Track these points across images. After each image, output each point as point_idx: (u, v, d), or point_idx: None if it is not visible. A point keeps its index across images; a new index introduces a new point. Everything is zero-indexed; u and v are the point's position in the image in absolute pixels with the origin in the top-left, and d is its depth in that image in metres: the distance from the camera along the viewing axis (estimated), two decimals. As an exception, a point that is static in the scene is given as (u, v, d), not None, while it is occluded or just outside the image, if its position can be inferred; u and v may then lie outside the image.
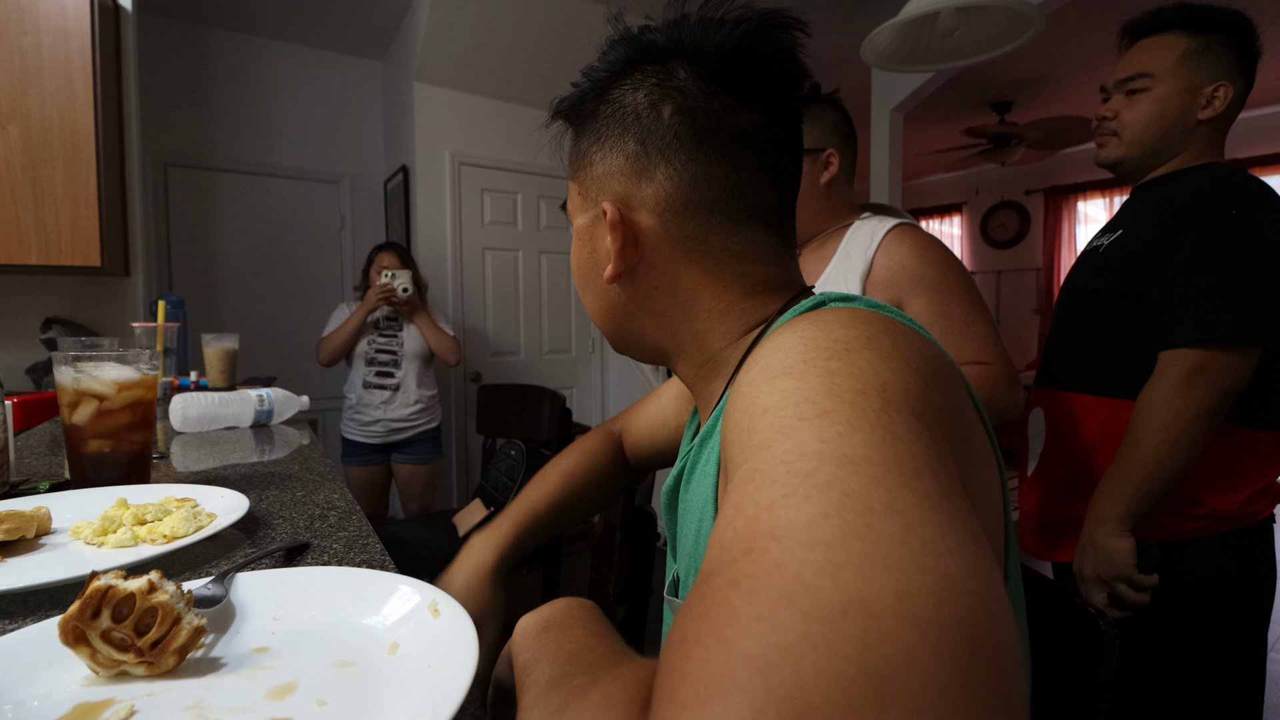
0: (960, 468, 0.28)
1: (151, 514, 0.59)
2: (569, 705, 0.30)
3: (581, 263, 0.51)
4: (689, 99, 0.44)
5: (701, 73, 0.45)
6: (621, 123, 0.46)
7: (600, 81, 0.48)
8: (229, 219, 3.06)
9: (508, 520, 0.71)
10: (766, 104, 0.46)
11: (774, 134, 0.46)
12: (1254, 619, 0.93)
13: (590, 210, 0.49)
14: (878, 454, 0.24)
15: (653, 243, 0.46)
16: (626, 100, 0.46)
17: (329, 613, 0.43)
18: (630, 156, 0.46)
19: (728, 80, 0.45)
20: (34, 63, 1.49)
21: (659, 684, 0.20)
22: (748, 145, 0.45)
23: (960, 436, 0.32)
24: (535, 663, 0.35)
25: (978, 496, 0.34)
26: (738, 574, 0.21)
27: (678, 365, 0.52)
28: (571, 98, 0.51)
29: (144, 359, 0.76)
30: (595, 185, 0.48)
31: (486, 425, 1.98)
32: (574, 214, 0.52)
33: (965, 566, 0.20)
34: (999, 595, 0.20)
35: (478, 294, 3.10)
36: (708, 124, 0.44)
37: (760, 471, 0.25)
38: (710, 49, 0.45)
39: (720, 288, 0.47)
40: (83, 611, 0.35)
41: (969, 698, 0.17)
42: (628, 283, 0.48)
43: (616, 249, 0.46)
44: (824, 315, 0.34)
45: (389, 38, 3.12)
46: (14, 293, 1.77)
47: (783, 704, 0.16)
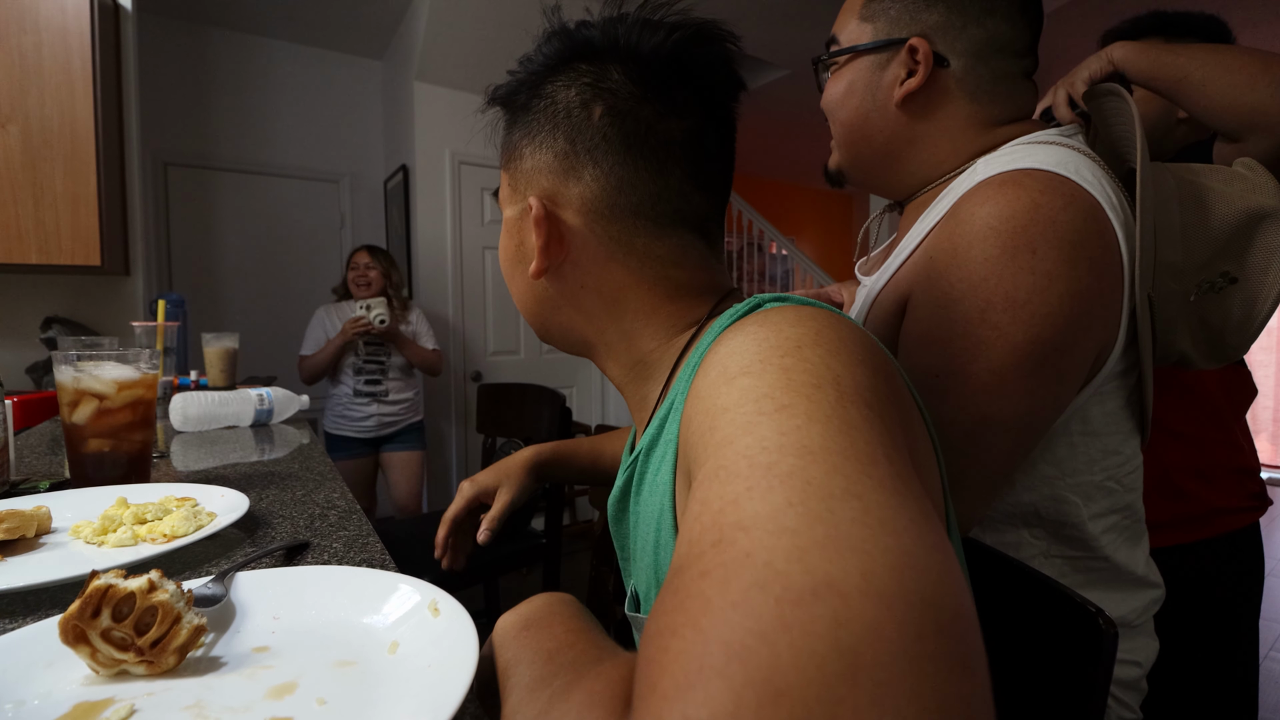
0: (909, 448, 0.30)
1: (151, 513, 0.59)
2: (553, 707, 0.30)
3: (509, 254, 0.51)
4: (620, 101, 0.44)
5: (634, 76, 0.45)
6: (553, 119, 0.46)
7: (535, 74, 0.48)
8: (229, 218, 3.06)
9: (555, 442, 0.86)
10: (699, 112, 0.46)
11: (705, 142, 0.47)
12: (1247, 618, 0.94)
13: (519, 202, 0.49)
14: (835, 443, 0.25)
15: (577, 242, 0.46)
16: (559, 97, 0.46)
17: (329, 612, 0.43)
18: (559, 154, 0.46)
19: (660, 85, 0.45)
20: (34, 62, 1.49)
21: (639, 678, 0.21)
22: (676, 152, 0.45)
23: (905, 421, 0.33)
24: (516, 663, 0.35)
25: (922, 473, 0.35)
26: (709, 565, 0.21)
27: (606, 362, 0.52)
28: (506, 87, 0.50)
29: (144, 358, 0.76)
30: (524, 179, 0.48)
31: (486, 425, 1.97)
32: (504, 204, 0.51)
33: (922, 543, 0.21)
34: (954, 567, 0.21)
35: (478, 294, 3.10)
36: (637, 128, 0.44)
37: (724, 468, 0.25)
38: (645, 52, 0.45)
39: (645, 290, 0.47)
40: (83, 610, 0.35)
41: (934, 665, 0.18)
42: (554, 278, 0.48)
43: (540, 245, 0.46)
44: (771, 316, 0.35)
45: (389, 37, 3.12)
46: (14, 292, 1.77)
47: (761, 686, 0.17)
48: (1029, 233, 0.51)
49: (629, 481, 0.50)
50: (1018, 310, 0.51)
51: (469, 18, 2.68)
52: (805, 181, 6.23)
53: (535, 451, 0.84)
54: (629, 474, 0.50)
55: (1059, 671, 0.48)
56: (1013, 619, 0.52)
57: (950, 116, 0.64)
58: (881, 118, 0.65)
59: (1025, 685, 0.51)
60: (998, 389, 0.53)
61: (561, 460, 0.86)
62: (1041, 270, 0.51)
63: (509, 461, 0.83)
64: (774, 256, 5.02)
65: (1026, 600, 0.51)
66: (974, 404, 0.53)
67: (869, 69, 0.65)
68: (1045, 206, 0.52)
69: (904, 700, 0.17)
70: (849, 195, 6.76)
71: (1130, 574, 0.62)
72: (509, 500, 0.79)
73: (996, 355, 0.52)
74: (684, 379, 0.43)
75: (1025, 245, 0.51)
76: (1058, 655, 0.48)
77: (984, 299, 0.52)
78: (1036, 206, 0.52)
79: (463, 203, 3.04)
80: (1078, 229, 0.52)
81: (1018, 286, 0.51)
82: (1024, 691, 0.51)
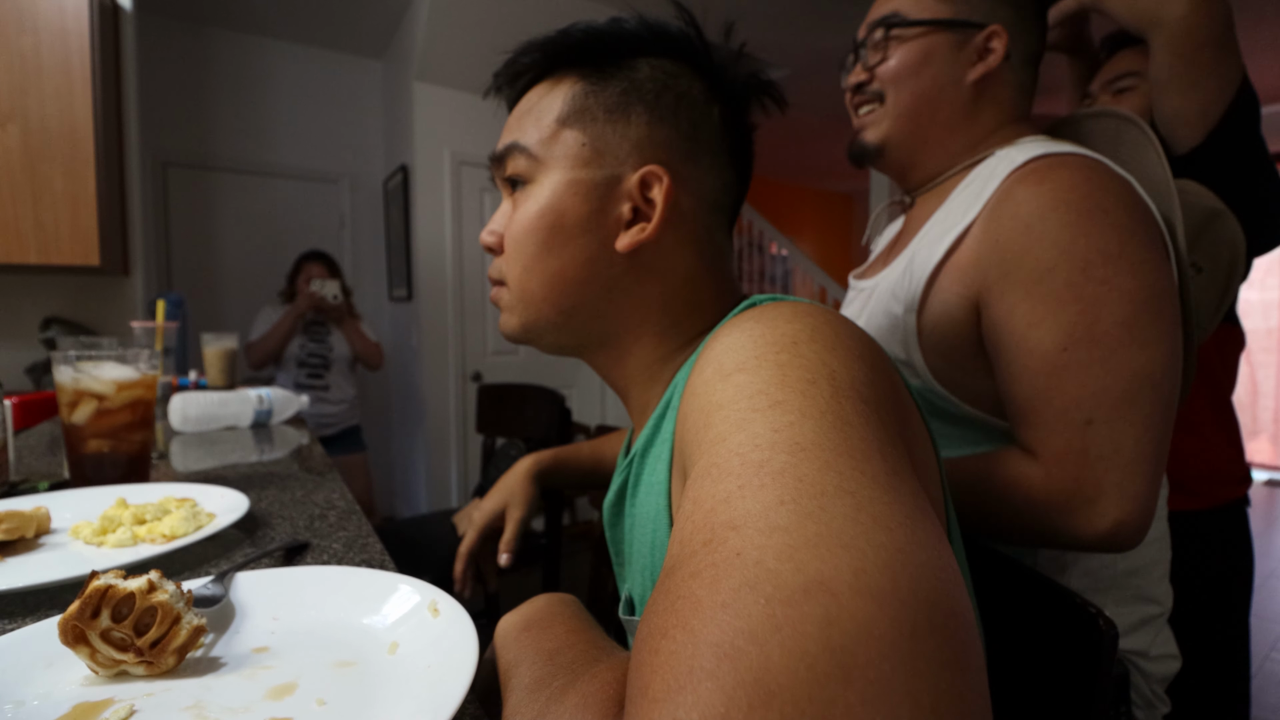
0: (906, 445, 0.29)
1: (151, 514, 0.59)
2: (549, 709, 0.30)
3: (568, 221, 0.45)
4: (729, 113, 0.49)
5: (727, 98, 0.49)
6: (675, 97, 0.46)
7: (626, 40, 0.46)
8: (229, 219, 3.05)
9: (553, 448, 0.86)
10: (751, 138, 0.51)
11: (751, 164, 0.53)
12: (1237, 599, 0.97)
13: (608, 168, 0.45)
14: (828, 439, 0.24)
15: (676, 222, 0.46)
16: (681, 82, 0.47)
17: (329, 612, 0.42)
18: (684, 135, 0.46)
19: (742, 112, 0.50)
20: (33, 63, 1.49)
21: (631, 680, 0.21)
22: (746, 168, 0.51)
23: (903, 419, 0.33)
24: (517, 664, 0.35)
25: (920, 472, 0.35)
26: (699, 565, 0.21)
27: (623, 358, 0.49)
28: (587, 34, 0.46)
29: (143, 358, 0.76)
30: (629, 143, 0.45)
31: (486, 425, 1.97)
32: (563, 164, 0.45)
33: (915, 539, 0.21)
34: (949, 563, 0.21)
35: (478, 294, 3.10)
36: (738, 138, 0.49)
37: (716, 465, 0.25)
38: (736, 82, 0.49)
39: (703, 285, 0.48)
40: (82, 611, 0.35)
41: (927, 663, 0.18)
42: (630, 257, 0.46)
43: (660, 218, 0.44)
44: (767, 311, 0.34)
45: (389, 37, 3.12)
46: (13, 292, 1.77)
47: (752, 687, 0.17)
48: (1096, 197, 0.55)
49: (625, 484, 0.50)
50: (1117, 261, 0.53)
51: (469, 18, 2.68)
52: (805, 181, 6.23)
53: (535, 460, 0.83)
54: (625, 476, 0.49)
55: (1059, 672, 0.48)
56: (1013, 619, 0.52)
57: (999, 106, 0.69)
58: (955, 92, 0.68)
59: (1025, 685, 0.51)
60: (1133, 340, 0.53)
61: (562, 465, 0.84)
62: (1120, 224, 0.54)
63: (509, 478, 0.81)
64: (774, 257, 5.02)
65: (1026, 600, 0.51)
66: (1117, 362, 0.53)
67: (949, 44, 0.68)
68: (1097, 179, 0.56)
69: (897, 699, 0.17)
70: (849, 195, 6.76)
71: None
72: (520, 517, 0.77)
73: (1117, 306, 0.53)
74: (681, 377, 0.42)
75: (1098, 206, 0.54)
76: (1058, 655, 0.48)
77: (1081, 258, 0.54)
78: (1090, 179, 0.56)
79: (463, 203, 3.03)
80: (1131, 196, 0.56)
81: (1107, 240, 0.54)
82: (1024, 692, 0.51)
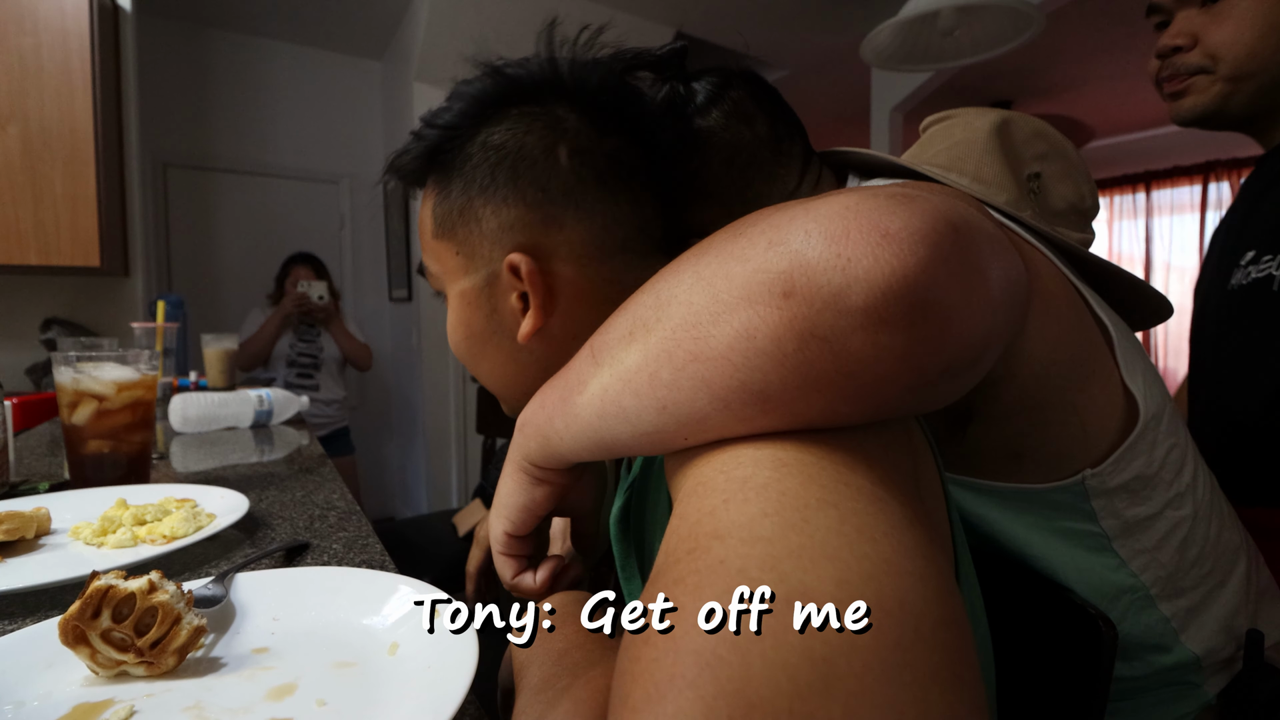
0: (905, 458, 0.29)
1: (151, 514, 0.59)
2: (547, 713, 0.30)
3: (475, 330, 0.46)
4: (582, 140, 0.44)
5: (586, 112, 0.44)
6: (511, 169, 0.43)
7: (455, 127, 0.45)
8: (229, 219, 3.05)
9: None
10: (648, 136, 0.46)
11: (661, 164, 0.47)
12: None
13: (481, 269, 0.45)
14: (810, 453, 0.24)
15: (569, 292, 0.44)
16: (510, 144, 0.43)
17: (329, 613, 0.42)
18: (532, 204, 0.43)
19: (612, 119, 0.45)
20: (33, 63, 1.49)
21: (614, 688, 0.21)
22: (641, 178, 0.45)
23: (896, 424, 0.32)
24: (529, 663, 0.35)
25: (920, 478, 0.34)
26: (683, 572, 0.21)
27: None
28: (419, 148, 0.46)
29: (143, 359, 0.76)
30: (488, 241, 0.44)
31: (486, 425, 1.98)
32: (451, 277, 0.46)
33: (902, 548, 0.21)
34: (938, 573, 0.21)
35: (477, 294, 3.10)
36: (606, 164, 0.44)
37: (702, 483, 0.25)
38: (594, 86, 0.44)
39: None
40: (83, 611, 0.35)
41: (913, 674, 0.17)
42: (542, 339, 0.44)
43: (538, 303, 0.42)
44: None
45: (388, 37, 3.12)
46: (13, 293, 1.77)
47: (733, 697, 0.17)
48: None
49: (629, 500, 0.49)
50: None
51: (468, 18, 2.68)
52: (805, 181, 6.22)
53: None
54: (627, 499, 0.49)
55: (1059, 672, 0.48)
56: (1013, 619, 0.52)
57: None
58: None
59: (1025, 686, 0.51)
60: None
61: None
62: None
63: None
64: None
65: (1025, 600, 0.51)
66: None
67: None
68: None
69: (880, 712, 0.17)
70: (849, 195, 6.75)
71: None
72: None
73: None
74: None
75: None
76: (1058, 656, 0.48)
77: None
78: None
79: (462, 203, 3.04)
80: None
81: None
82: (1024, 692, 0.51)
